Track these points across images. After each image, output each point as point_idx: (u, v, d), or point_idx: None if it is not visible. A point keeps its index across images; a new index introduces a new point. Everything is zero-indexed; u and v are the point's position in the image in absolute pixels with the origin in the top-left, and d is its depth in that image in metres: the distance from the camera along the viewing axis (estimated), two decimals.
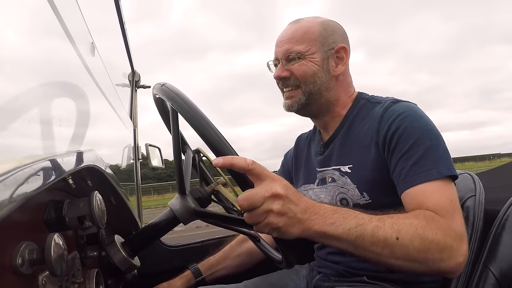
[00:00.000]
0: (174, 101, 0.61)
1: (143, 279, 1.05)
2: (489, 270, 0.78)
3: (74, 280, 0.52)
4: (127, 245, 0.75)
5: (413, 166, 0.76)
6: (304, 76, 0.90)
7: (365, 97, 0.95)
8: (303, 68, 0.90)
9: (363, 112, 0.92)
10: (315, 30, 0.91)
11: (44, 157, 0.37)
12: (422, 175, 0.74)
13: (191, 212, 0.73)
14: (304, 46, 0.90)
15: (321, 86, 0.91)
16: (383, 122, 0.83)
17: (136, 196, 1.47)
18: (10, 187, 0.27)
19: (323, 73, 0.90)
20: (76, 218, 0.50)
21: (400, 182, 0.78)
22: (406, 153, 0.77)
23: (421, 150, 0.76)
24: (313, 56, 0.90)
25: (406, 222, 0.67)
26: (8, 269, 0.37)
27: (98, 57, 0.80)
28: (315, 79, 0.90)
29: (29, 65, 0.41)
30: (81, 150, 0.53)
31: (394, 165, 0.79)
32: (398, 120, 0.80)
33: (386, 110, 0.84)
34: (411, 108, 0.84)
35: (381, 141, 0.82)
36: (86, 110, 0.64)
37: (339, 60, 0.92)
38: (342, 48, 0.92)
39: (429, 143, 0.77)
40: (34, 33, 0.44)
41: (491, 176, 1.17)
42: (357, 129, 0.90)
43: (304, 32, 0.91)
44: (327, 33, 0.92)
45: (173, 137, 0.70)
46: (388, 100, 0.88)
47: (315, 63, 0.90)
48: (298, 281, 1.04)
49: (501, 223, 0.82)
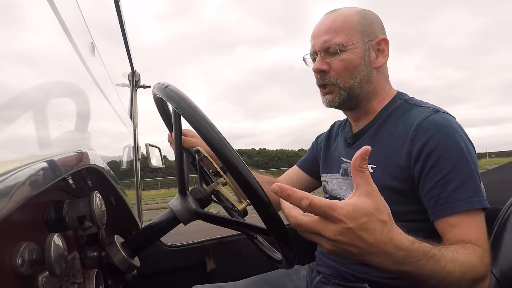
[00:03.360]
0: (177, 102, 0.60)
1: (143, 279, 1.06)
2: (490, 271, 0.78)
3: (74, 280, 0.52)
4: (127, 245, 0.74)
5: (453, 192, 0.72)
6: (343, 71, 0.86)
7: (403, 97, 0.91)
8: (343, 63, 0.85)
9: (399, 112, 0.87)
10: (354, 19, 0.86)
11: (44, 157, 0.37)
12: (463, 203, 0.72)
13: (191, 213, 0.73)
14: (344, 37, 0.84)
15: (362, 80, 0.86)
16: (420, 133, 0.77)
17: (136, 196, 1.47)
18: (10, 187, 0.27)
19: (364, 66, 0.86)
20: (76, 218, 0.50)
21: (437, 207, 0.74)
22: (446, 176, 0.73)
23: (462, 176, 0.73)
24: (354, 47, 0.85)
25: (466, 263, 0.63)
26: (8, 269, 0.37)
27: (98, 57, 0.80)
28: (356, 74, 0.86)
29: (29, 65, 0.41)
30: (81, 150, 0.53)
31: (429, 187, 0.75)
32: (438, 138, 0.75)
33: (425, 118, 0.78)
34: (450, 123, 0.78)
35: (415, 154, 0.77)
36: (86, 110, 0.64)
37: (380, 52, 0.88)
38: (383, 39, 0.88)
39: (469, 168, 0.74)
40: (34, 33, 0.44)
41: (492, 175, 1.17)
42: (389, 129, 0.85)
43: (343, 22, 0.85)
44: (366, 22, 0.87)
45: (175, 138, 0.69)
46: (429, 108, 0.83)
47: (356, 55, 0.85)
48: (298, 281, 1.03)
49: (501, 223, 0.82)
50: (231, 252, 1.47)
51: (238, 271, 1.29)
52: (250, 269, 1.19)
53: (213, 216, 0.74)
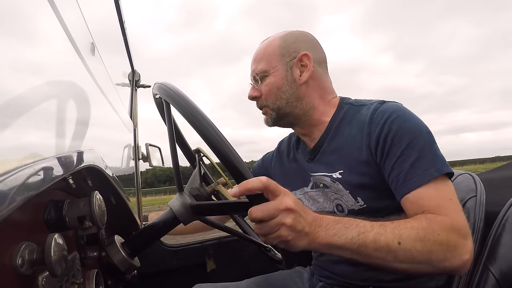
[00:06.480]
0: (173, 100, 0.61)
1: (143, 280, 1.05)
2: (490, 271, 0.78)
3: (74, 280, 0.52)
4: (127, 245, 0.74)
5: (410, 169, 0.74)
6: (269, 94, 0.92)
7: (348, 102, 0.94)
8: (268, 87, 0.92)
9: (349, 116, 0.89)
10: (274, 44, 0.93)
11: (44, 157, 0.37)
12: (421, 176, 0.73)
13: (189, 210, 0.73)
14: (264, 63, 0.92)
15: (289, 98, 0.91)
16: (373, 124, 0.81)
17: (136, 196, 1.47)
18: (10, 187, 0.27)
19: (288, 85, 0.91)
20: (76, 218, 0.50)
21: (398, 187, 0.76)
22: (401, 155, 0.75)
23: (416, 152, 0.75)
24: (275, 70, 0.91)
25: (407, 226, 0.67)
26: (8, 269, 0.37)
27: (98, 56, 0.80)
28: (281, 94, 0.91)
29: (29, 64, 0.41)
30: (81, 150, 0.53)
31: (389, 169, 0.77)
32: (390, 122, 0.78)
33: (375, 111, 0.82)
34: (399, 108, 0.82)
35: (373, 145, 0.80)
36: (86, 109, 0.64)
37: (304, 67, 0.91)
38: (304, 55, 0.90)
39: (422, 142, 0.76)
40: (34, 33, 0.44)
41: (492, 176, 1.17)
42: (345, 133, 0.88)
43: (265, 49, 0.93)
44: (286, 44, 0.92)
45: (169, 132, 0.70)
46: (374, 102, 0.86)
47: (278, 77, 0.91)
48: (301, 284, 1.03)
49: (501, 223, 0.82)
50: (231, 252, 1.47)
51: (238, 271, 1.29)
52: (250, 270, 1.19)
53: (212, 208, 0.73)
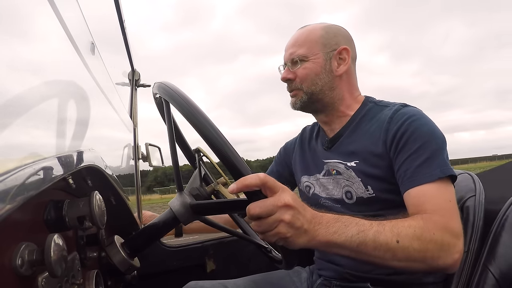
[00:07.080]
0: (173, 99, 0.61)
1: (143, 280, 1.05)
2: (489, 270, 0.78)
3: (74, 281, 0.51)
4: (126, 245, 0.74)
5: (418, 167, 0.79)
6: (306, 78, 0.97)
7: (372, 101, 1.00)
8: (306, 71, 0.96)
9: (371, 114, 0.95)
10: (316, 33, 0.98)
11: (44, 157, 0.37)
12: (426, 175, 0.78)
13: (189, 210, 0.73)
14: (306, 49, 0.96)
15: (324, 86, 0.97)
16: (392, 123, 0.86)
17: (136, 197, 1.47)
18: (10, 187, 0.27)
19: (325, 74, 0.96)
20: (76, 218, 0.50)
21: (404, 181, 0.80)
22: (413, 154, 0.80)
23: (427, 153, 0.80)
24: (315, 58, 0.96)
25: (404, 224, 0.69)
26: (8, 270, 0.37)
27: (98, 56, 0.79)
28: (317, 80, 0.96)
29: (29, 64, 0.41)
30: (81, 149, 0.53)
31: (399, 165, 0.82)
32: (408, 122, 0.84)
33: (396, 112, 0.88)
34: (419, 112, 0.88)
35: (389, 140, 0.85)
36: (86, 109, 0.64)
37: (341, 60, 0.98)
38: (344, 49, 0.97)
39: (435, 146, 0.81)
40: (34, 33, 0.44)
41: (491, 176, 1.17)
42: (365, 128, 0.94)
43: (307, 36, 0.98)
44: (328, 35, 0.97)
45: (168, 132, 0.70)
46: (397, 104, 0.93)
47: (317, 64, 0.96)
48: (299, 283, 1.03)
49: (500, 223, 0.82)
50: (231, 252, 1.47)
51: (238, 271, 1.29)
52: (250, 270, 1.19)
53: (212, 206, 0.73)
